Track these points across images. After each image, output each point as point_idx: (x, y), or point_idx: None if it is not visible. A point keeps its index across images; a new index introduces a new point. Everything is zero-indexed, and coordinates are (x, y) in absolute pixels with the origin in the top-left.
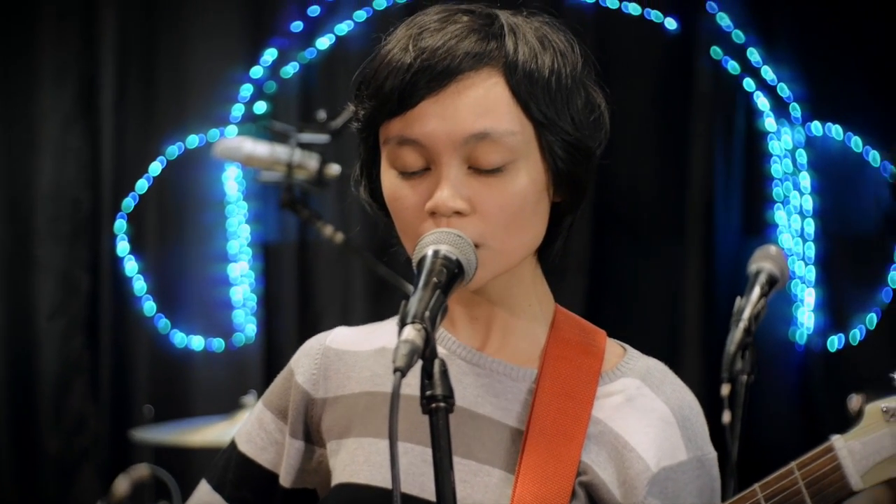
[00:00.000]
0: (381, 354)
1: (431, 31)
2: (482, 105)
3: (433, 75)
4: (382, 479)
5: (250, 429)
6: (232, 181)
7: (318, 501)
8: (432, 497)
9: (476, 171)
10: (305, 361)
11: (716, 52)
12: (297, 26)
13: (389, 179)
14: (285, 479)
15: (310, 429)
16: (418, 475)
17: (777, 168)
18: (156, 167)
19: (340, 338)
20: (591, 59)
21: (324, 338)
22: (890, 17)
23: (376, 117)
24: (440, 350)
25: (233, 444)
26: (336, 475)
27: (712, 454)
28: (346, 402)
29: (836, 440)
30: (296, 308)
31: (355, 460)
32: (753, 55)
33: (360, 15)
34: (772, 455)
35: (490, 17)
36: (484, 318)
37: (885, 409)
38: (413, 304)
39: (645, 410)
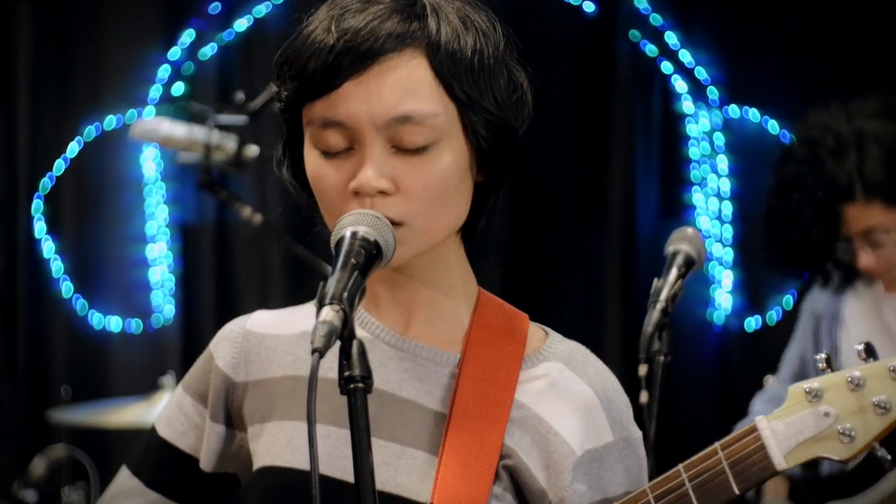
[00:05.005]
0: (302, 338)
1: (353, 11)
2: (405, 86)
3: (356, 56)
4: (304, 462)
5: (170, 413)
6: (150, 162)
7: (241, 487)
8: (353, 479)
9: (400, 150)
10: (226, 345)
11: (634, 34)
12: (214, 7)
13: (312, 160)
14: (206, 464)
15: (231, 413)
16: (340, 458)
17: (695, 150)
18: (73, 148)
19: (261, 321)
20: (513, 39)
21: (244, 321)
22: (807, 0)
23: (299, 98)
24: (364, 334)
25: (152, 429)
26: (258, 459)
27: (637, 434)
28: (268, 386)
29: (760, 420)
30: (214, 289)
31: (277, 443)
32: (671, 38)
33: None
34: (689, 435)
35: None
36: (407, 301)
37: (808, 390)
38: (331, 286)
39: (568, 394)
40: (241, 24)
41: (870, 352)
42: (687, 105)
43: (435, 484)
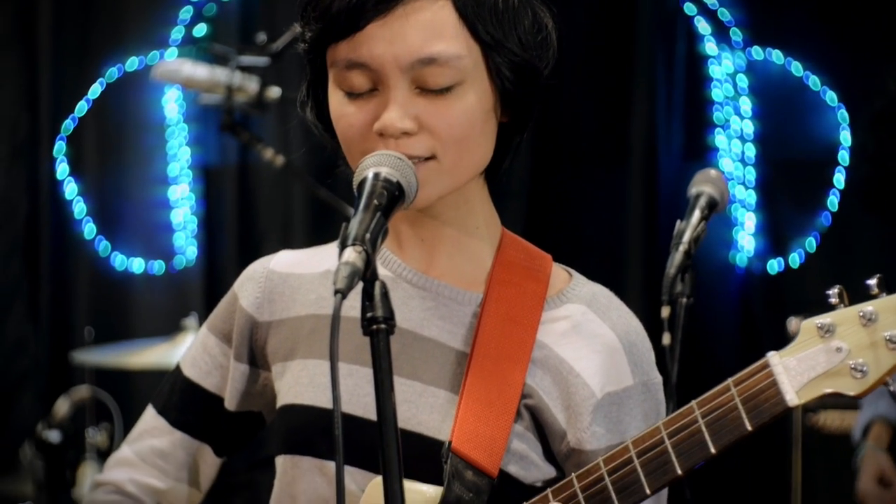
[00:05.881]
0: (325, 277)
1: None
2: (430, 28)
3: None
4: (326, 400)
5: (195, 353)
6: (172, 104)
7: (266, 425)
8: (375, 417)
9: (424, 91)
10: (249, 285)
11: None
12: None
13: (336, 100)
14: (230, 403)
15: (255, 352)
16: (362, 396)
17: (718, 93)
18: (95, 90)
19: (284, 261)
20: None
21: (267, 261)
22: None
23: (323, 40)
24: (386, 273)
25: (177, 369)
26: (281, 397)
27: (658, 379)
28: (291, 325)
29: (772, 356)
30: (236, 231)
31: (300, 382)
32: None
33: None
34: (711, 377)
35: None
36: (430, 240)
37: (819, 325)
38: (354, 227)
39: (590, 336)
40: None
41: (882, 285)
42: (710, 47)
43: (455, 422)
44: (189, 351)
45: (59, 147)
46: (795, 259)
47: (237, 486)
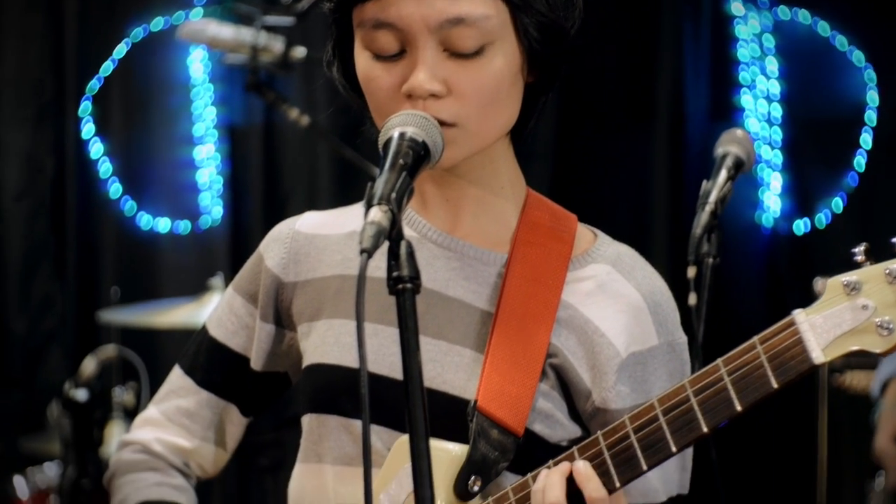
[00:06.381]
0: (351, 238)
1: None
2: None
3: None
4: (352, 360)
5: (221, 314)
6: (197, 63)
7: (291, 385)
8: (401, 377)
9: (452, 53)
10: (275, 246)
11: None
12: None
13: (364, 61)
14: (256, 363)
15: (280, 313)
16: (388, 355)
17: (744, 52)
18: (121, 49)
19: (310, 222)
20: None
21: (293, 222)
22: None
23: (349, 0)
24: (411, 233)
25: (204, 329)
26: (307, 357)
27: (683, 339)
28: (316, 286)
29: (798, 314)
30: (262, 191)
31: (325, 341)
32: None
33: None
34: (737, 338)
35: None
36: (455, 200)
37: (845, 283)
38: (379, 186)
39: (615, 296)
40: None
41: None
42: (736, 6)
43: (480, 381)
44: (215, 311)
45: (85, 107)
46: (822, 219)
47: (263, 446)
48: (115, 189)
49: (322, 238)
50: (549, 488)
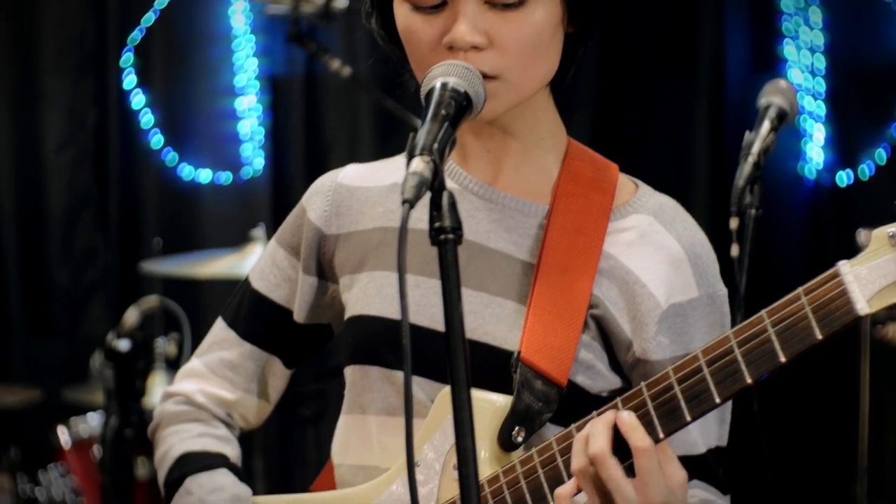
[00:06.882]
0: (393, 190)
1: None
2: None
3: None
4: (394, 311)
5: (263, 266)
6: (239, 14)
7: (334, 337)
8: (442, 328)
9: (493, 5)
10: (317, 199)
11: None
12: None
13: (403, 13)
14: (299, 315)
15: (323, 265)
16: (429, 307)
17: (787, 2)
18: (162, 0)
19: (352, 174)
20: None
21: (335, 175)
22: None
23: None
24: (453, 185)
25: (246, 282)
26: (349, 308)
27: (723, 291)
28: (358, 238)
29: (843, 265)
30: (303, 142)
31: (367, 293)
32: None
33: None
34: (779, 289)
35: None
36: (496, 151)
37: (891, 234)
38: (421, 137)
39: (656, 247)
40: None
41: None
42: None
43: (523, 332)
44: (258, 264)
45: (127, 58)
46: (865, 171)
47: (304, 397)
48: (156, 140)
49: (364, 190)
50: (594, 437)
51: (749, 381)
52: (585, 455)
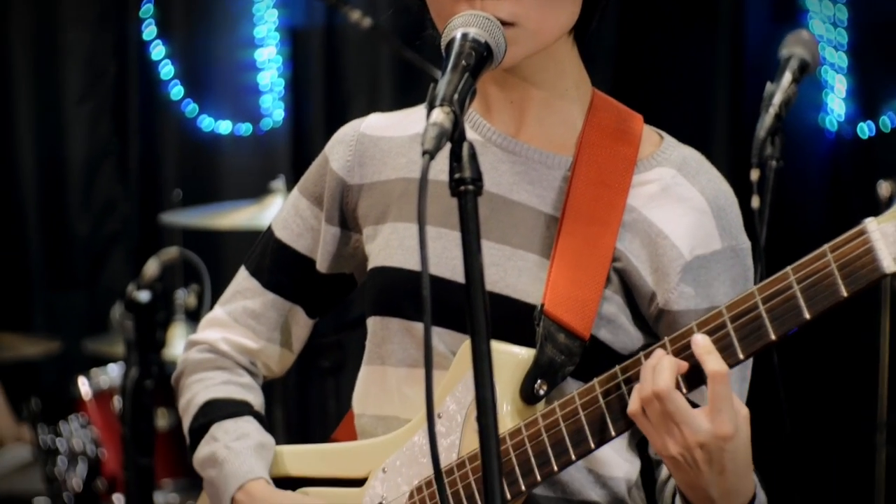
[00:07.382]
0: (415, 141)
1: None
2: None
3: None
4: (415, 263)
5: (286, 216)
6: None
7: (357, 287)
8: (463, 280)
9: None
10: (340, 148)
11: None
12: None
13: None
14: (321, 265)
15: (345, 215)
16: (450, 258)
17: None
18: None
19: (375, 124)
20: None
21: (358, 124)
22: None
23: None
24: (475, 137)
25: (269, 231)
26: (372, 259)
27: (746, 244)
28: (381, 189)
29: (869, 223)
30: (323, 93)
31: (390, 244)
32: None
33: None
34: (800, 241)
35: None
36: (519, 102)
37: None
38: (442, 87)
39: (680, 200)
40: None
41: None
42: None
43: (547, 285)
44: (281, 213)
45: (147, 9)
46: (886, 123)
47: (324, 348)
48: (176, 91)
49: (387, 140)
50: (660, 371)
51: (773, 337)
52: (650, 388)
